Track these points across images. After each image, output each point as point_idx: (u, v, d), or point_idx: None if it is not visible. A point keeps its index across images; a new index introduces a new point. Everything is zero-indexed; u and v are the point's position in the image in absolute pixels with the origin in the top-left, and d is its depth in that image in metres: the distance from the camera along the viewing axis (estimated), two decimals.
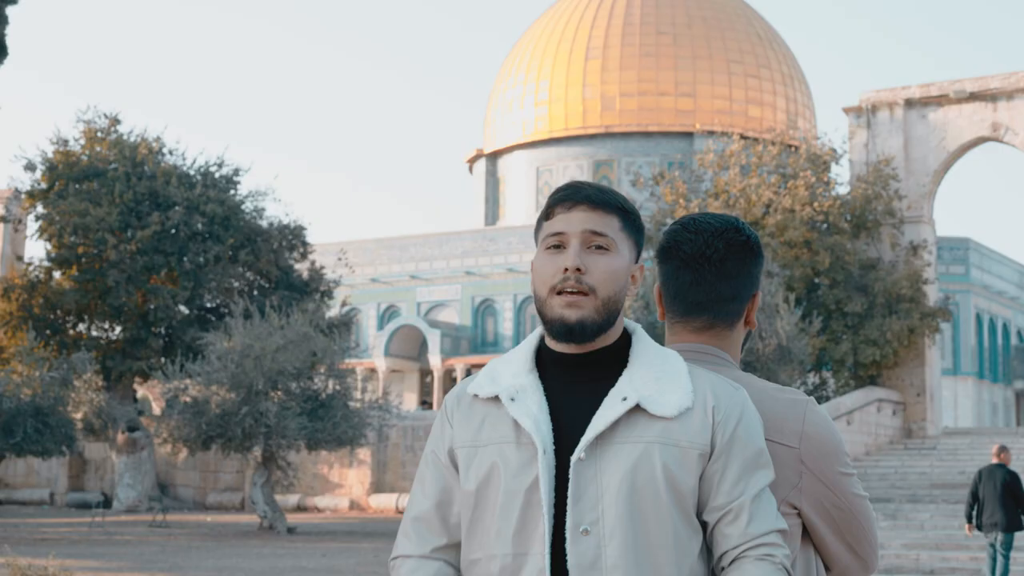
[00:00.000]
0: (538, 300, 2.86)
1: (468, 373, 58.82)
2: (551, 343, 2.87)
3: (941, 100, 37.94)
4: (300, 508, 39.51)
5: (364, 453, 38.25)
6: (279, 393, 30.64)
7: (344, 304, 43.92)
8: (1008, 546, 18.25)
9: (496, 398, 2.83)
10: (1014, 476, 18.16)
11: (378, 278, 63.43)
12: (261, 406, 29.86)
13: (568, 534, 2.68)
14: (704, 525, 2.77)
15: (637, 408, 2.74)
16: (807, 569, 3.05)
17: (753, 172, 37.98)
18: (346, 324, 39.54)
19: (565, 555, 2.68)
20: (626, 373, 2.80)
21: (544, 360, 2.88)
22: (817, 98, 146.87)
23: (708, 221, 3.16)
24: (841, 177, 39.39)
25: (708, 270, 3.10)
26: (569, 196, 2.87)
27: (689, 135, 64.09)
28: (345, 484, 40.04)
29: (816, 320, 33.96)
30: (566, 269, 2.79)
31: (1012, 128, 37.11)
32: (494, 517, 2.75)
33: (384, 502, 38.78)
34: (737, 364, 3.18)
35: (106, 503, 38.29)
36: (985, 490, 18.14)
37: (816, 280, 36.57)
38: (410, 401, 59.46)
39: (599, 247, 2.82)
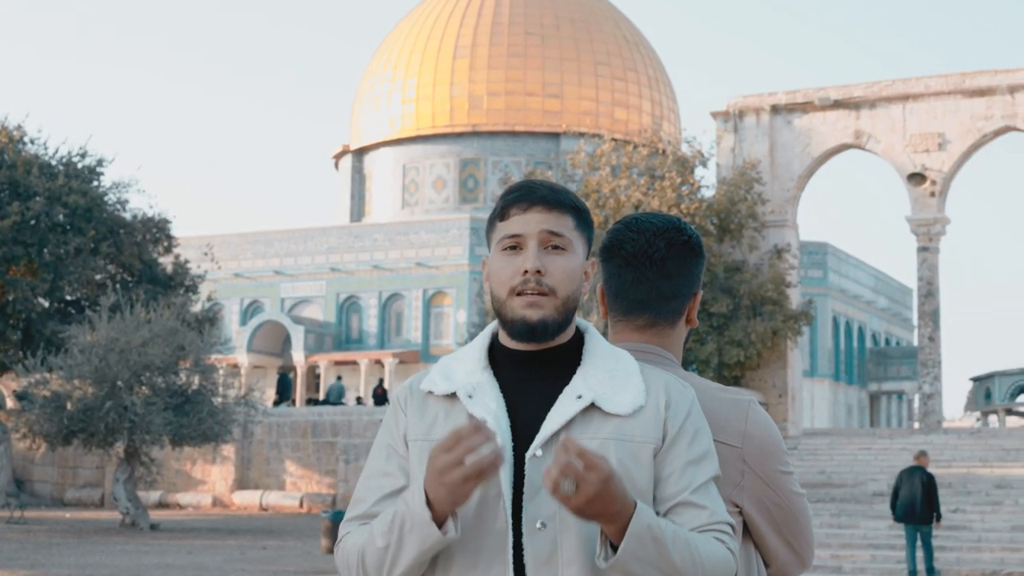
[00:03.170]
0: (496, 301, 2.87)
1: (332, 370, 58.48)
2: (507, 341, 2.88)
3: (806, 107, 38.64)
4: (162, 505, 38.97)
5: (228, 449, 37.87)
6: (144, 388, 30.19)
7: (209, 299, 43.37)
8: (929, 535, 21.41)
9: (451, 395, 2.83)
10: (930, 477, 21.32)
11: (242, 273, 62.70)
12: (125, 400, 29.40)
13: (525, 529, 2.70)
14: None
15: (592, 406, 2.76)
16: (748, 565, 3.11)
17: (623, 173, 38.36)
18: (211, 319, 39.06)
19: (522, 550, 2.70)
20: (580, 371, 2.82)
21: (497, 357, 2.89)
22: (684, 102, 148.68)
23: (650, 221, 3.21)
24: (707, 180, 39.98)
25: (649, 268, 3.15)
26: (524, 196, 2.87)
27: (556, 135, 64.46)
28: (208, 480, 39.59)
29: None
30: (526, 271, 2.80)
31: (874, 136, 37.91)
32: None
33: (248, 499, 38.43)
34: (679, 363, 3.23)
35: None
36: (906, 488, 21.22)
37: None
38: (273, 397, 58.89)
39: (556, 247, 2.84)
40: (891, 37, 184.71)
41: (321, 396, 54.62)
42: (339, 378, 52.28)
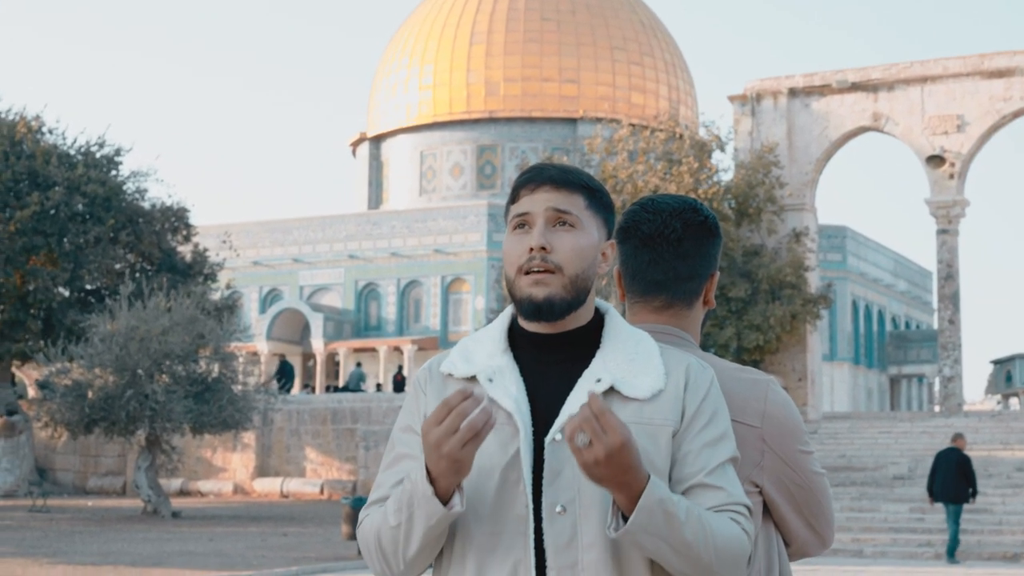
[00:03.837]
0: (507, 281, 2.85)
1: (352, 357, 58.60)
2: (523, 323, 2.86)
3: (824, 90, 38.51)
4: (183, 492, 39.11)
5: (248, 437, 37.97)
6: (164, 376, 30.28)
7: (228, 287, 43.50)
8: (957, 515, 22.50)
9: (471, 378, 2.82)
10: (965, 458, 22.69)
11: (260, 261, 62.87)
12: (146, 389, 29.49)
13: (544, 513, 2.68)
14: None
15: (611, 390, 2.75)
16: (768, 545, 3.11)
17: (640, 158, 38.31)
18: (230, 307, 39.19)
19: (540, 534, 2.69)
20: (599, 354, 2.80)
21: (516, 340, 2.87)
22: (701, 87, 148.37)
23: (666, 202, 3.20)
24: (725, 164, 39.85)
25: (666, 249, 3.14)
26: (533, 178, 2.87)
27: (573, 121, 64.40)
28: (229, 468, 39.73)
29: None
30: (531, 249, 2.79)
31: (892, 118, 37.78)
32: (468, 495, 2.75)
33: (268, 486, 38.55)
34: (697, 343, 3.22)
35: None
36: (941, 469, 22.55)
37: None
38: (293, 385, 59.08)
39: (564, 224, 2.82)
40: (909, 19, 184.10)
41: (341, 383, 54.75)
42: (359, 365, 52.39)
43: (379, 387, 51.90)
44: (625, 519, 2.60)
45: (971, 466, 22.73)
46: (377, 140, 69.85)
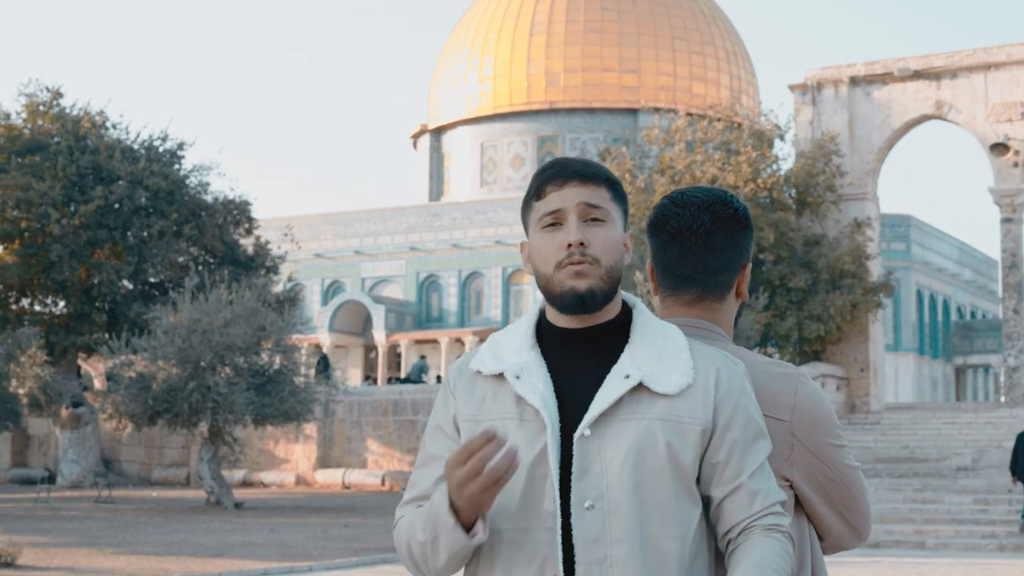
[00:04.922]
0: (542, 278, 2.85)
1: (413, 349, 58.76)
2: (554, 318, 2.87)
3: (886, 78, 38.20)
4: (246, 483, 39.42)
5: (310, 428, 38.20)
6: (226, 368, 30.50)
7: (290, 279, 43.79)
8: None
9: (499, 375, 2.83)
10: None
11: (322, 253, 63.18)
12: (208, 381, 29.73)
13: (573, 509, 2.70)
14: (707, 499, 2.78)
15: (640, 386, 2.75)
16: (801, 539, 3.09)
17: (698, 148, 38.16)
18: (292, 300, 39.47)
19: (569, 529, 2.70)
20: (628, 349, 2.81)
21: (544, 335, 2.88)
22: (762, 75, 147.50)
23: (695, 195, 3.18)
24: (785, 153, 39.63)
25: (695, 243, 3.12)
26: (559, 173, 2.87)
27: (633, 111, 64.19)
28: (291, 459, 39.99)
29: (761, 296, 34.19)
30: (570, 244, 2.79)
31: (955, 106, 37.42)
32: None
33: (330, 477, 38.76)
34: (730, 337, 3.20)
35: (50, 479, 37.99)
36: (1021, 449, 23.15)
37: (760, 256, 36.78)
38: (355, 377, 59.33)
39: (595, 219, 2.83)
40: (972, 5, 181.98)
41: (402, 375, 54.96)
42: (423, 357, 52.51)
43: (439, 379, 52.05)
44: None
45: None
46: (438, 132, 69.97)
